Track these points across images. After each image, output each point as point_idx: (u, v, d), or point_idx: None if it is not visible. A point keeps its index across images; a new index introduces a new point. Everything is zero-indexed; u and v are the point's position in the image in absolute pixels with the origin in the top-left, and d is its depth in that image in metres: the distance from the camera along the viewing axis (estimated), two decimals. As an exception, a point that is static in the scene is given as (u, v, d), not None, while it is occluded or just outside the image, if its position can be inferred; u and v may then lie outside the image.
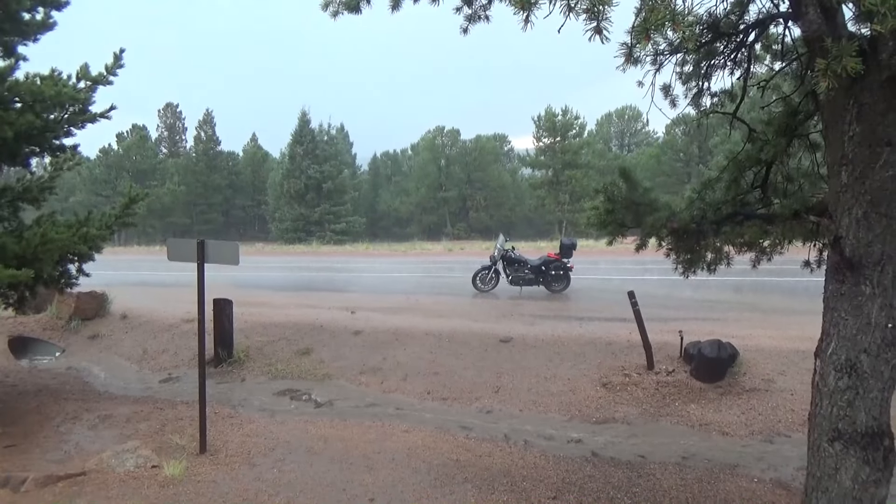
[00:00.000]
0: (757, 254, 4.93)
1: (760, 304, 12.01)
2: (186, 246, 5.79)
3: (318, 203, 54.41)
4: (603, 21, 1.99)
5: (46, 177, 7.53)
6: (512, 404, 7.65)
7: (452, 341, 9.42)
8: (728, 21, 3.83)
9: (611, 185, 4.51)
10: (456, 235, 55.81)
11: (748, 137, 4.37)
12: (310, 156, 54.58)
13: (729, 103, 4.53)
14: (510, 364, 8.58)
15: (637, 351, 8.20)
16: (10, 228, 6.92)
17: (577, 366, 8.34)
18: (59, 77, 5.84)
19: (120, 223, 7.51)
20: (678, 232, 4.49)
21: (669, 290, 13.37)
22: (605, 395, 7.58)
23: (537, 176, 58.99)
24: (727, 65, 4.11)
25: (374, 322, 10.63)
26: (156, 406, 7.58)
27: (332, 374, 8.94)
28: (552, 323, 10.35)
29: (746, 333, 8.76)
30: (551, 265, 14.05)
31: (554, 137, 55.87)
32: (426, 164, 62.02)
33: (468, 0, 3.65)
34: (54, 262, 6.54)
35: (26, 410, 7.15)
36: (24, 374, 9.18)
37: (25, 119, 5.38)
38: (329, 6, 3.66)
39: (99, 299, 12.28)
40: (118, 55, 6.17)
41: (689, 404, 7.18)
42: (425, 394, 8.13)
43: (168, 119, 68.98)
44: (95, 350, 10.95)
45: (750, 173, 4.43)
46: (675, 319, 9.84)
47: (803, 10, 2.66)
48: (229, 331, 9.68)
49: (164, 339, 10.86)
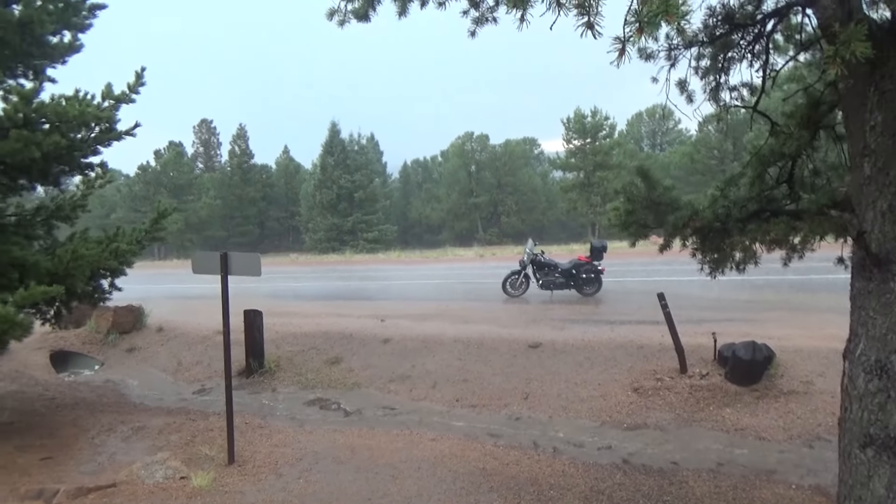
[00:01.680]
0: (787, 251, 4.76)
1: (797, 303, 11.65)
2: (210, 259, 5.86)
3: (350, 212, 54.95)
4: (594, 16, 1.94)
5: (79, 195, 7.72)
6: (541, 411, 7.54)
7: (481, 347, 9.36)
8: (744, 12, 3.71)
9: (630, 186, 4.41)
10: (487, 241, 55.72)
11: (770, 131, 4.23)
12: (341, 166, 55.21)
13: (750, 97, 4.39)
14: (539, 370, 8.47)
15: (669, 354, 8.02)
16: (44, 246, 7.12)
17: (607, 370, 8.19)
18: (83, 97, 6.00)
19: (149, 238, 7.66)
20: (702, 231, 4.37)
21: (701, 291, 13.06)
22: (637, 401, 7.42)
23: (568, 178, 58.48)
24: (746, 57, 3.98)
25: (403, 329, 10.62)
26: (188, 417, 7.68)
27: (361, 383, 8.96)
28: (582, 327, 10.20)
29: (783, 334, 8.49)
30: (582, 268, 13.88)
31: (584, 139, 55.38)
32: (456, 171, 62.12)
33: (474, 3, 3.61)
34: (86, 278, 6.70)
35: (63, 423, 7.32)
36: (63, 388, 9.41)
37: (52, 139, 5.53)
38: (335, 15, 3.67)
39: (135, 313, 12.56)
40: (140, 74, 6.31)
41: (724, 408, 6.97)
42: (454, 401, 8.07)
43: (203, 135, 70.62)
44: (132, 362, 11.19)
45: (775, 168, 4.28)
46: (707, 321, 9.61)
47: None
48: (260, 341, 9.79)
49: (198, 350, 11.04)
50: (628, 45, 1.92)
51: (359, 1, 3.74)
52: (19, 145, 5.41)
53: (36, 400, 8.38)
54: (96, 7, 6.68)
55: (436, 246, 51.28)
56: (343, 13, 3.69)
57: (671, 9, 1.70)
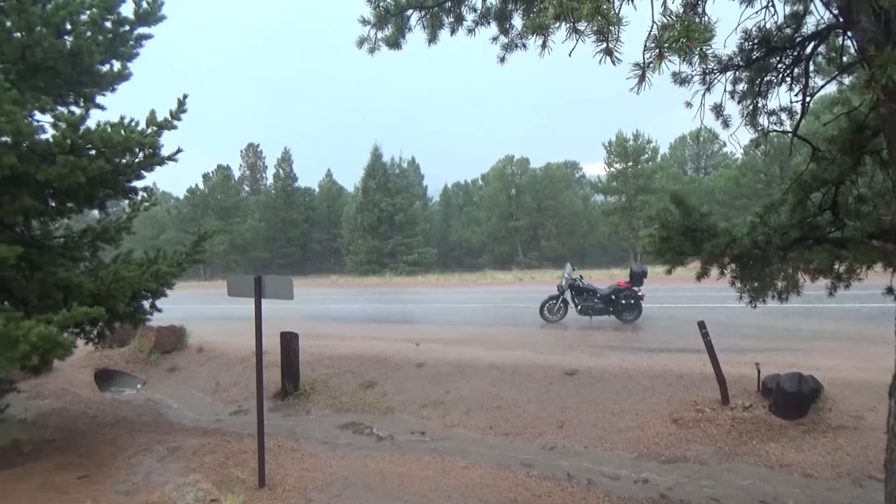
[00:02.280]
0: (832, 280, 4.57)
1: (845, 332, 11.15)
2: (245, 282, 5.94)
3: (390, 235, 55.39)
4: (613, 43, 1.89)
5: (124, 217, 7.95)
6: (576, 440, 7.35)
7: (516, 374, 9.22)
8: (783, 35, 3.61)
9: (664, 212, 4.30)
10: (527, 264, 55.38)
11: (812, 156, 4.08)
12: (382, 189, 55.83)
13: (789, 121, 4.26)
14: (575, 398, 8.29)
15: (710, 384, 7.75)
16: (89, 268, 7.34)
17: (645, 400, 7.96)
18: (127, 124, 6.21)
19: (190, 260, 7.82)
20: (741, 258, 4.23)
21: (744, 319, 12.61)
22: (676, 432, 7.17)
23: (610, 202, 57.89)
24: (784, 80, 3.86)
25: (437, 354, 10.56)
26: (223, 438, 7.75)
27: (394, 408, 8.91)
28: (620, 354, 9.97)
29: (831, 365, 8.13)
30: (621, 294, 13.62)
31: (626, 163, 54.89)
32: (496, 194, 62.15)
33: (504, 29, 3.61)
34: (127, 299, 6.85)
35: (102, 441, 7.46)
36: (105, 406, 9.63)
37: (97, 164, 5.73)
38: (364, 43, 3.71)
39: (177, 333, 12.83)
40: (182, 101, 6.50)
41: (768, 443, 6.68)
42: (487, 428, 7.94)
43: (250, 158, 72.51)
44: (173, 382, 11.40)
45: (817, 195, 4.12)
46: (751, 350, 9.28)
47: (855, 19, 2.46)
48: (295, 364, 9.85)
49: (236, 371, 11.18)
50: (649, 71, 1.87)
51: (389, 29, 3.78)
52: (66, 170, 5.61)
53: (78, 418, 8.58)
54: (143, 37, 6.94)
55: (475, 269, 51.19)
56: (373, 41, 3.73)
57: (692, 34, 1.65)
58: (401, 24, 3.69)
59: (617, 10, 1.93)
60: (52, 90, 6.39)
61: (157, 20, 6.77)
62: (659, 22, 1.82)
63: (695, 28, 1.65)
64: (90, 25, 6.26)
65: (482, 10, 3.69)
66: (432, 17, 3.68)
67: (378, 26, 3.69)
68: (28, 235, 6.85)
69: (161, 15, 6.75)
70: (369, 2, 3.64)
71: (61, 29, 6.13)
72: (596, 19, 1.79)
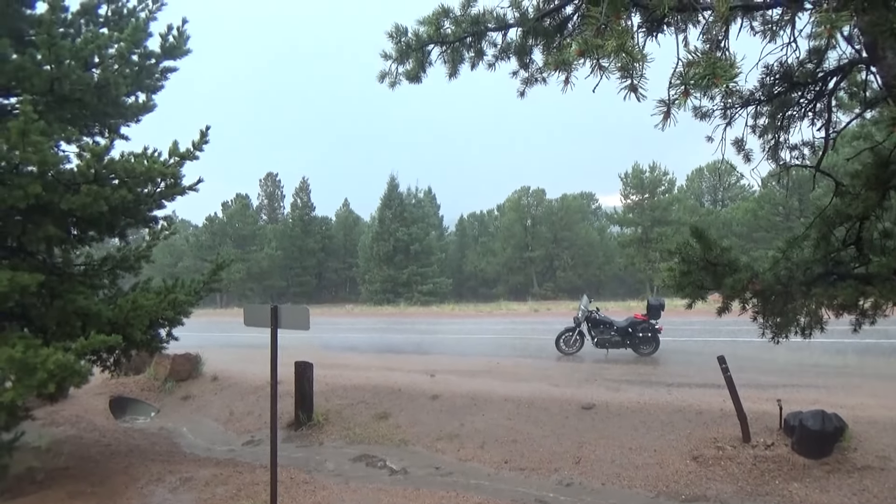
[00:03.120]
0: (857, 316, 4.47)
1: (871, 370, 10.90)
2: (261, 311, 5.94)
3: (406, 265, 55.42)
4: (637, 79, 1.89)
5: (144, 246, 8.04)
6: (593, 477, 7.19)
7: (532, 407, 9.09)
8: (804, 70, 3.60)
9: (684, 246, 4.25)
10: (542, 295, 55.05)
11: (835, 191, 4.03)
12: (398, 219, 56.05)
13: (811, 155, 4.22)
14: (592, 433, 8.14)
15: (731, 421, 7.57)
16: (108, 295, 7.40)
17: (664, 436, 7.79)
18: (150, 154, 6.31)
19: (207, 289, 7.86)
20: (763, 294, 4.16)
21: (766, 353, 12.38)
22: (696, 470, 6.99)
23: (626, 233, 57.61)
24: (806, 115, 3.84)
25: (452, 386, 10.46)
26: (235, 469, 7.68)
27: (408, 440, 8.80)
28: (638, 389, 9.80)
29: (856, 402, 7.92)
30: (638, 327, 13.45)
31: (642, 194, 54.72)
32: (512, 225, 62.13)
33: (524, 64, 3.64)
34: (144, 328, 6.89)
35: (115, 470, 7.43)
36: (119, 434, 9.61)
37: (119, 194, 5.82)
38: (386, 77, 3.75)
39: (192, 361, 12.85)
40: (204, 132, 6.61)
41: (792, 482, 6.49)
42: (502, 463, 7.81)
43: (268, 188, 73.27)
44: (187, 411, 11.37)
45: (841, 230, 4.06)
46: (773, 386, 9.09)
47: (880, 54, 2.44)
48: (309, 394, 9.79)
49: (250, 400, 11.14)
50: (674, 107, 1.87)
51: (411, 63, 3.83)
52: (89, 199, 5.70)
53: (92, 446, 8.57)
54: (169, 70, 7.10)
55: (490, 299, 50.96)
56: (394, 76, 3.78)
57: (719, 71, 1.64)
58: (421, 59, 3.73)
59: (641, 47, 1.94)
60: (79, 121, 6.53)
61: (183, 54, 6.94)
62: (684, 59, 1.82)
63: (721, 65, 1.65)
64: (117, 59, 6.41)
65: (502, 46, 3.74)
66: (453, 52, 3.73)
67: (399, 61, 3.74)
68: (49, 263, 6.93)
69: (186, 49, 6.92)
70: (391, 37, 3.70)
71: (89, 62, 6.29)
72: (620, 56, 1.79)
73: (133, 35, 6.39)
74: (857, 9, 1.86)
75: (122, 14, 7.16)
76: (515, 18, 3.59)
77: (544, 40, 3.59)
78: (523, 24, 3.54)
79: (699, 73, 1.68)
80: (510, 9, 3.60)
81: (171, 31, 6.87)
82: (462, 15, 3.67)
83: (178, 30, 6.88)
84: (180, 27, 6.89)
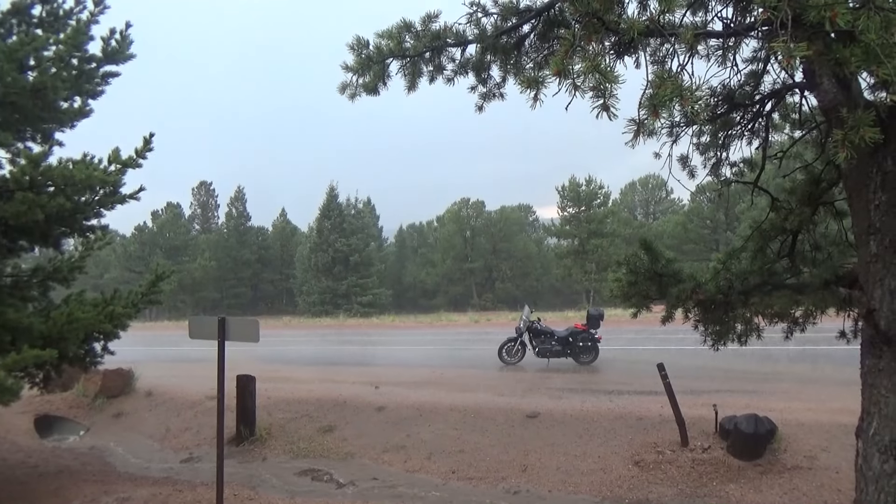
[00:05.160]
0: (789, 324, 4.76)
1: (797, 375, 11.55)
2: (207, 323, 5.80)
3: (345, 276, 54.79)
4: (609, 98, 2.00)
5: (77, 256, 7.69)
6: (540, 484, 7.32)
7: (478, 417, 9.17)
8: (743, 92, 3.84)
9: (633, 257, 4.44)
10: (482, 306, 55.48)
11: (771, 206, 4.30)
12: (337, 229, 55.43)
13: (749, 172, 4.49)
14: (538, 441, 8.28)
15: (670, 426, 7.87)
16: (39, 308, 7.04)
17: (607, 442, 8.01)
18: (90, 161, 6.06)
19: (146, 301, 7.59)
20: (705, 303, 4.37)
21: (702, 361, 12.92)
22: (638, 474, 7.23)
23: (563, 245, 58.88)
24: (745, 134, 4.09)
25: (397, 397, 10.43)
26: (175, 488, 7.41)
27: (354, 453, 8.71)
28: (581, 397, 10.04)
29: (784, 406, 8.38)
30: (579, 336, 13.79)
31: (578, 207, 56.09)
32: (452, 236, 62.44)
33: (482, 79, 3.73)
34: (80, 342, 6.60)
35: (45, 493, 7.04)
36: (46, 454, 9.12)
37: (56, 202, 5.56)
38: (346, 89, 3.77)
39: (125, 377, 12.30)
40: (148, 140, 6.41)
41: (728, 484, 6.79)
42: (450, 473, 7.84)
43: (201, 197, 71.16)
44: (119, 428, 10.89)
45: (776, 242, 4.33)
46: (708, 392, 9.50)
47: (818, 81, 2.65)
48: (252, 408, 9.56)
49: (187, 416, 10.77)
50: (642, 126, 1.98)
51: (370, 76, 3.86)
52: (24, 207, 5.43)
53: (18, 467, 8.10)
54: (109, 75, 6.86)
55: (430, 311, 51.01)
56: (354, 87, 3.80)
57: (685, 93, 1.75)
58: (381, 72, 3.77)
59: (612, 68, 2.04)
60: (11, 125, 6.21)
61: (126, 59, 6.71)
62: (653, 81, 1.93)
63: (687, 88, 1.77)
64: (55, 61, 6.15)
65: (461, 61, 3.82)
66: (413, 66, 3.79)
67: (360, 73, 3.77)
68: (-25, 274, 6.56)
69: (130, 54, 6.70)
70: (352, 49, 3.73)
71: (24, 64, 6.01)
72: (594, 76, 1.89)
73: (73, 37, 6.15)
74: (799, 39, 2.03)
75: (57, 15, 6.88)
76: (475, 35, 3.69)
77: (502, 57, 3.70)
78: (482, 40, 3.64)
79: (666, 95, 1.80)
80: (469, 26, 3.70)
81: (113, 34, 6.63)
82: (423, 30, 3.73)
83: (122, 34, 6.65)
84: (124, 31, 6.66)
